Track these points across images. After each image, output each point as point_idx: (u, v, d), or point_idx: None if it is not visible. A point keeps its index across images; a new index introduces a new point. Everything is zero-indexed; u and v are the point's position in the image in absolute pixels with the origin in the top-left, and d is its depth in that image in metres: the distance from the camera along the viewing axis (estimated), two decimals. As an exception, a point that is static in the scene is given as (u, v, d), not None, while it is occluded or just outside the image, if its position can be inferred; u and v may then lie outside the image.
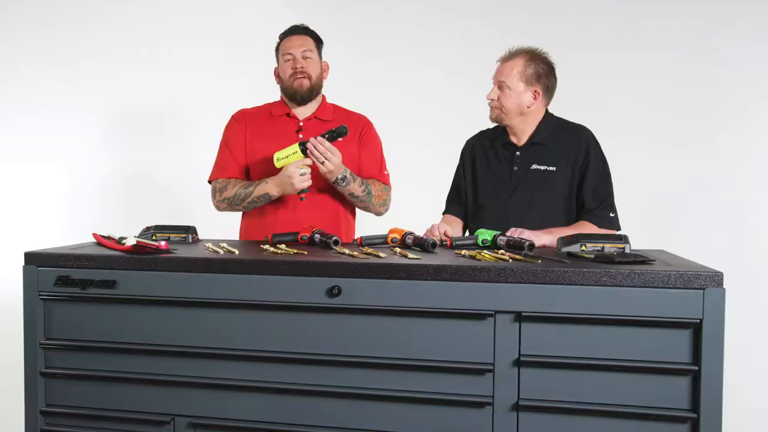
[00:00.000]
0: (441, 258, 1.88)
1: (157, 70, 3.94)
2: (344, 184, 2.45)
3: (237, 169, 2.58)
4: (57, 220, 3.93)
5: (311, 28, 2.61)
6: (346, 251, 1.96)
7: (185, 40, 3.93)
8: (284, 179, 2.38)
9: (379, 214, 2.65)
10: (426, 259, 1.84)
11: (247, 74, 3.85)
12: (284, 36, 2.59)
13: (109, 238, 2.20)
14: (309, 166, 2.36)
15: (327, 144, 2.33)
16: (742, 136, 3.51)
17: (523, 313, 1.71)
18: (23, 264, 1.94)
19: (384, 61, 3.70)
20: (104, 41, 3.94)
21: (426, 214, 2.81)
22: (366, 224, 2.72)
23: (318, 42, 2.59)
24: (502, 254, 1.89)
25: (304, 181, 2.36)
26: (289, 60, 2.53)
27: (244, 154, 2.58)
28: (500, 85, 2.38)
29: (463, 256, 1.93)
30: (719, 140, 3.54)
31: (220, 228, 2.66)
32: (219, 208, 2.61)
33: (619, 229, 2.41)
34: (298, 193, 2.41)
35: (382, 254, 1.90)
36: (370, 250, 1.96)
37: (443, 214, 2.67)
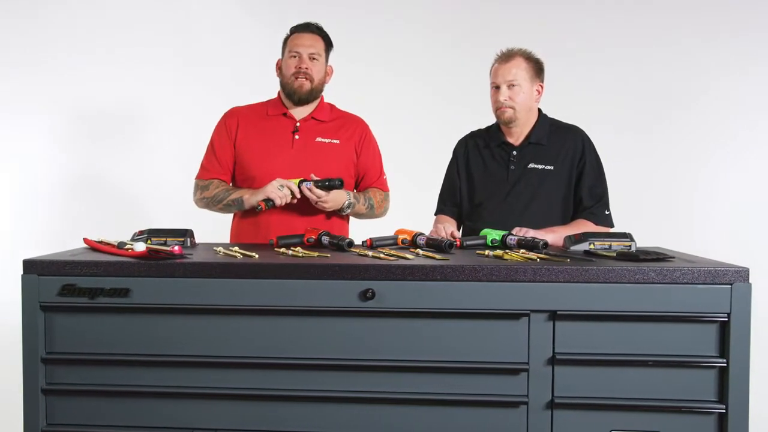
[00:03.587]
0: (466, 259, 1.87)
1: (114, 69, 3.72)
2: (350, 210, 2.46)
3: (220, 171, 2.53)
4: (6, 226, 3.67)
5: (325, 29, 2.55)
6: (369, 253, 1.92)
7: (142, 39, 3.73)
8: (265, 186, 2.35)
9: (378, 218, 2.63)
10: (454, 261, 1.82)
11: (208, 76, 3.72)
12: (295, 31, 2.51)
13: (103, 243, 2.07)
14: (293, 193, 2.33)
15: (317, 191, 2.32)
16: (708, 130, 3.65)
17: (557, 312, 1.72)
18: (22, 273, 1.80)
19: (371, 60, 3.65)
20: (57, 39, 3.69)
21: (415, 213, 2.80)
22: (358, 225, 2.67)
23: (328, 45, 2.53)
24: (524, 253, 1.91)
25: (277, 195, 2.32)
26: (294, 57, 2.45)
27: (230, 155, 2.52)
28: (509, 85, 2.39)
29: (487, 256, 1.93)
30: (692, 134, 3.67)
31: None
32: (197, 205, 2.57)
33: (612, 226, 2.48)
34: (260, 200, 2.34)
35: (408, 256, 1.87)
36: (393, 252, 1.92)
37: (436, 214, 2.66)
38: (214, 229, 2.65)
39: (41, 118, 3.71)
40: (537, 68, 2.45)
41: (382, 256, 1.86)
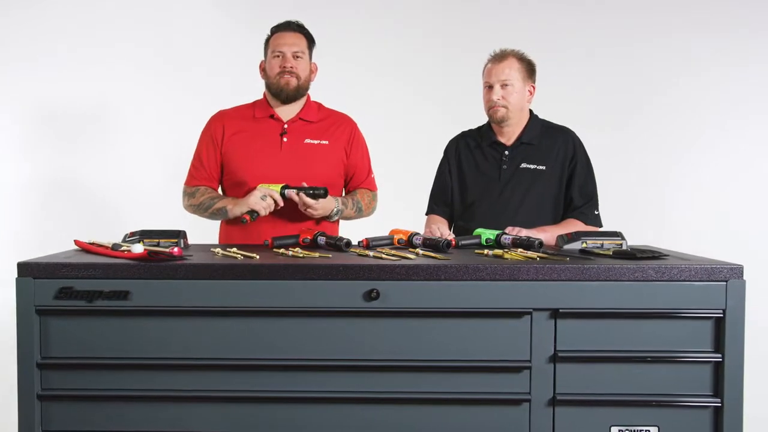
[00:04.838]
0: (466, 258, 1.89)
1: (93, 69, 3.63)
2: (339, 215, 2.46)
3: (206, 178, 2.51)
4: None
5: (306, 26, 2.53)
6: (370, 254, 1.92)
7: (113, 37, 3.65)
8: (247, 196, 2.34)
9: (365, 218, 2.63)
10: (455, 260, 1.83)
11: (188, 76, 3.65)
12: (276, 30, 2.49)
13: (95, 245, 2.03)
14: (275, 200, 2.31)
15: (305, 199, 2.31)
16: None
17: (560, 310, 1.75)
18: (16, 276, 1.75)
19: (361, 59, 3.63)
20: (25, 37, 3.59)
21: (406, 213, 2.81)
22: (350, 225, 2.66)
23: (311, 42, 2.52)
24: (523, 252, 1.93)
25: (261, 206, 2.30)
26: (278, 57, 2.44)
27: (216, 162, 2.50)
28: (502, 84, 2.42)
29: (487, 255, 1.95)
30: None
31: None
32: (187, 211, 2.56)
33: (601, 225, 2.52)
34: (244, 213, 2.31)
35: (410, 255, 1.87)
36: (394, 252, 1.93)
37: (427, 214, 2.67)
38: (200, 230, 2.62)
39: (7, 119, 3.61)
40: (529, 69, 2.48)
41: (383, 256, 1.86)
